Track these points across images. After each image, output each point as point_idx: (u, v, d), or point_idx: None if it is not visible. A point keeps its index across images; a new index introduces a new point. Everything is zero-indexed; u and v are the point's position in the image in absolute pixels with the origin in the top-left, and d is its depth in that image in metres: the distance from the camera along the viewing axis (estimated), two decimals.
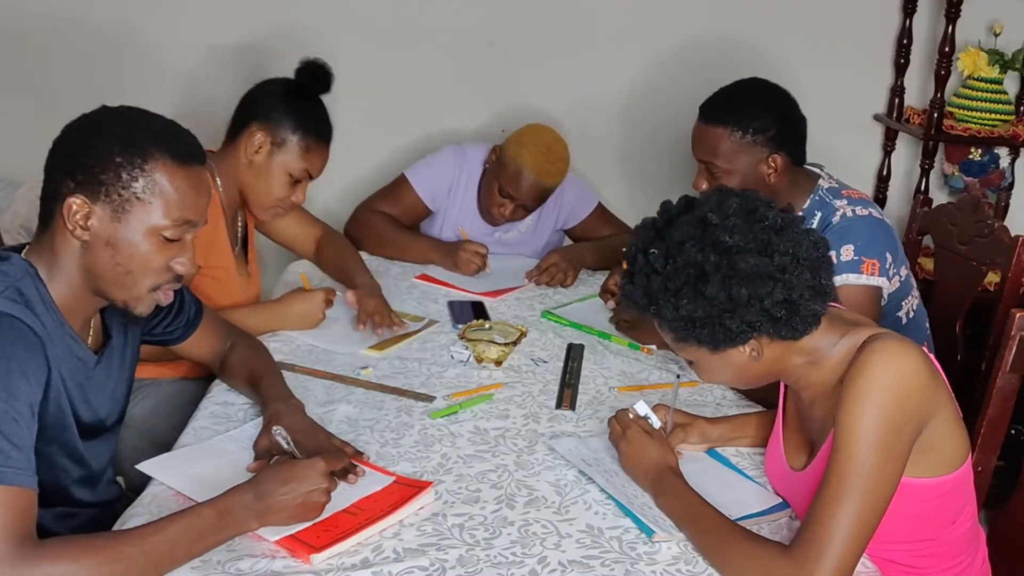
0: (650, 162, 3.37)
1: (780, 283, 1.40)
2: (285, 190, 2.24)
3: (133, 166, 1.41)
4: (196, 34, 3.17)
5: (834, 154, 3.25)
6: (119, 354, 1.62)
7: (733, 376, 1.55)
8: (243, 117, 2.25)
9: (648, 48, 3.28)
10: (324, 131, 2.27)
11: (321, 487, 1.43)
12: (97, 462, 1.60)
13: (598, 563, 1.43)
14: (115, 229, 1.42)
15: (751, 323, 1.42)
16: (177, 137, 1.47)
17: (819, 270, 1.44)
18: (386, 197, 2.76)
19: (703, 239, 1.41)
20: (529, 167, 2.59)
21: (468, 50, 3.25)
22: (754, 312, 1.41)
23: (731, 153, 2.11)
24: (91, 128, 1.44)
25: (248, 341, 1.95)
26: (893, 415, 1.36)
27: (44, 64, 3.17)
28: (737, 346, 1.46)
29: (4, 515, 1.25)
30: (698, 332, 1.44)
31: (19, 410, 1.31)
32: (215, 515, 1.38)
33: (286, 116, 2.21)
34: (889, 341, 1.41)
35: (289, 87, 2.27)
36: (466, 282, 2.57)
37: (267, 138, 2.20)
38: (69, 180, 1.41)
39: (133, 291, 1.47)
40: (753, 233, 1.41)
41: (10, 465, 1.27)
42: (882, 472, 1.35)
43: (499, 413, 1.88)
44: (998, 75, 3.14)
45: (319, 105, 2.29)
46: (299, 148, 2.22)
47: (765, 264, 1.40)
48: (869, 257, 2.02)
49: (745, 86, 2.21)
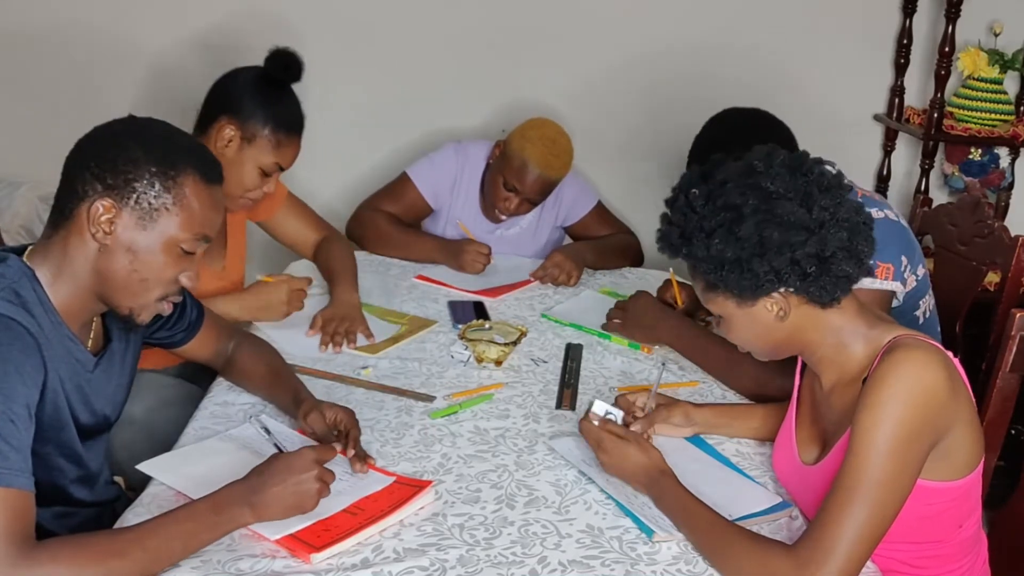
0: (650, 161, 3.36)
1: (815, 236, 1.41)
2: (255, 182, 2.20)
3: (167, 177, 1.45)
4: (196, 36, 3.17)
5: (834, 154, 3.23)
6: (119, 357, 1.62)
7: (757, 336, 1.53)
8: (212, 108, 2.20)
9: (648, 48, 3.28)
10: (295, 124, 2.22)
11: (311, 474, 1.43)
12: (95, 462, 1.61)
13: (598, 563, 1.43)
14: (138, 236, 1.44)
15: (779, 272, 1.42)
16: (206, 156, 1.54)
17: (857, 235, 1.44)
18: (388, 195, 2.75)
19: (745, 183, 1.43)
20: (534, 161, 2.59)
21: (469, 49, 3.25)
22: (784, 260, 1.41)
23: None
24: (125, 135, 1.47)
25: (254, 339, 1.96)
26: (911, 427, 1.36)
27: (43, 66, 3.17)
28: (764, 296, 1.45)
29: (2, 516, 1.25)
30: (726, 276, 1.44)
31: (16, 412, 1.31)
32: (209, 510, 1.39)
33: (256, 109, 2.16)
34: (915, 351, 1.40)
35: (259, 77, 2.20)
36: (465, 282, 2.57)
37: (237, 132, 2.15)
38: (97, 183, 1.43)
39: (141, 299, 1.49)
40: (796, 184, 1.43)
41: (7, 467, 1.28)
42: (894, 482, 1.35)
43: (499, 413, 1.88)
44: (998, 75, 3.14)
45: (290, 96, 2.23)
46: (270, 143, 2.17)
47: (802, 215, 1.41)
48: (884, 261, 2.01)
49: (723, 127, 2.15)
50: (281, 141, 2.18)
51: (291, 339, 2.13)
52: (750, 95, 2.89)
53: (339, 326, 2.17)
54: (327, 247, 2.48)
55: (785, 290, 1.45)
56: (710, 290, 1.51)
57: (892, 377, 1.37)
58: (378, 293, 2.44)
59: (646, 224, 2.97)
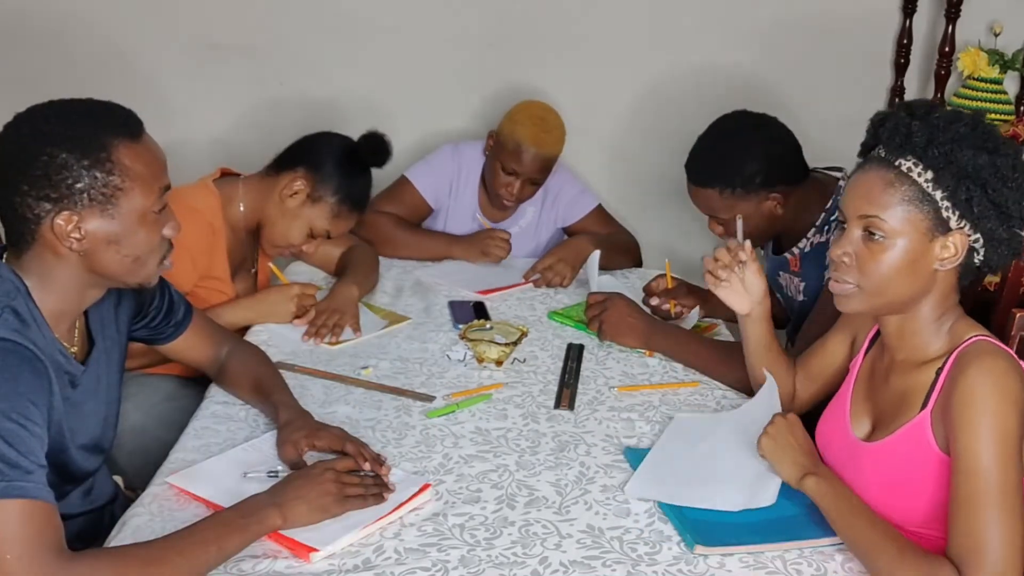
0: (650, 164, 3.36)
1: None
2: (301, 239, 2.30)
3: (101, 160, 1.38)
4: (193, 34, 3.17)
5: (834, 154, 3.24)
6: (105, 358, 1.60)
7: (899, 268, 1.47)
8: (294, 158, 2.30)
9: (648, 48, 3.27)
10: (359, 203, 2.34)
11: (328, 476, 1.48)
12: (91, 464, 1.60)
13: (599, 563, 1.43)
14: (110, 226, 1.41)
15: (1010, 216, 1.44)
16: (116, 115, 1.44)
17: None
18: (389, 198, 2.76)
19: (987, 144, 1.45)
20: (528, 140, 2.62)
21: (468, 52, 3.24)
22: (992, 210, 1.43)
23: (729, 206, 2.12)
24: (34, 142, 1.37)
25: (247, 347, 1.95)
26: (1013, 437, 1.37)
27: (42, 63, 3.17)
28: (960, 232, 1.45)
29: (36, 528, 1.25)
30: (958, 190, 1.43)
31: (36, 433, 1.31)
32: (237, 515, 1.40)
33: (333, 177, 2.27)
34: (995, 360, 1.41)
35: (348, 149, 2.32)
36: (462, 281, 2.57)
37: (306, 188, 2.26)
38: (43, 202, 1.37)
39: (143, 272, 1.48)
40: None
41: (32, 480, 1.27)
42: (1015, 485, 1.36)
43: (499, 413, 1.88)
44: (998, 75, 3.14)
45: (367, 177, 2.36)
46: (331, 211, 2.28)
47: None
48: None
49: (720, 136, 2.17)
50: (342, 213, 2.29)
51: (284, 335, 2.17)
52: (749, 95, 2.91)
53: (328, 318, 2.20)
54: (347, 252, 2.54)
55: (979, 239, 1.45)
56: (913, 203, 1.45)
57: (979, 395, 1.38)
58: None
59: (645, 226, 2.99)
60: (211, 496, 1.53)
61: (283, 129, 2.64)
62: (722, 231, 2.18)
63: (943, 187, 1.43)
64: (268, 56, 3.21)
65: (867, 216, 1.47)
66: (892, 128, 1.48)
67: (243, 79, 3.23)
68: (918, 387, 1.48)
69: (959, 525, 1.36)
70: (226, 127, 3.26)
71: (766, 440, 1.61)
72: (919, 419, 1.46)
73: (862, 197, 1.48)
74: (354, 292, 2.32)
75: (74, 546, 1.30)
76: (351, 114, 3.16)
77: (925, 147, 1.44)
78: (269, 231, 2.30)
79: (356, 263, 2.47)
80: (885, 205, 1.46)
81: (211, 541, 1.36)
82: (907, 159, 1.45)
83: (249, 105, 3.25)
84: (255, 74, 3.23)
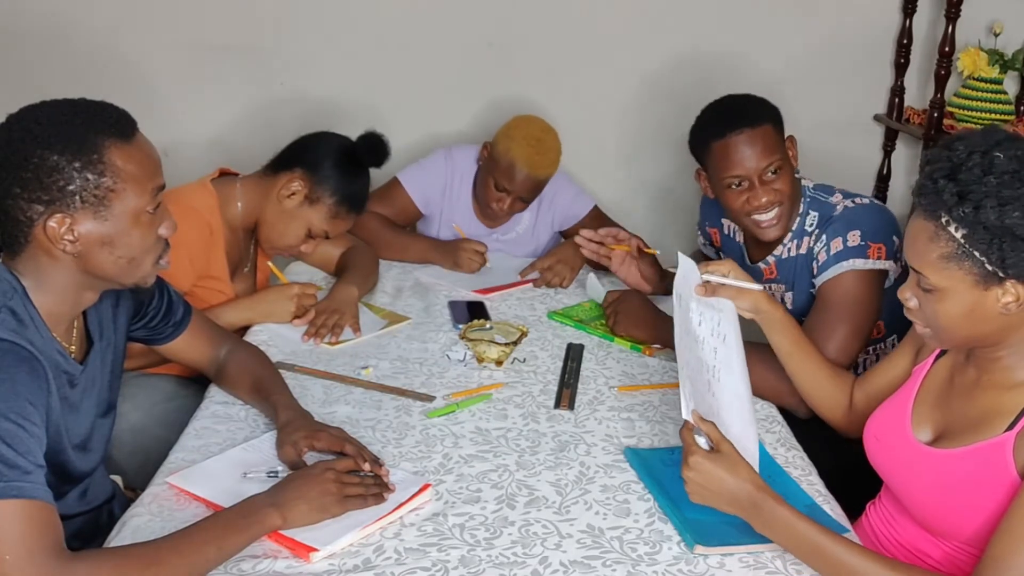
0: (649, 165, 3.36)
1: None
2: (298, 240, 2.30)
3: (92, 162, 1.38)
4: (192, 34, 3.17)
5: (834, 155, 3.26)
6: (101, 358, 1.60)
7: (964, 320, 1.43)
8: (291, 158, 2.29)
9: (647, 49, 3.27)
10: (357, 204, 2.33)
11: (328, 475, 1.48)
12: (87, 465, 1.60)
13: (599, 563, 1.43)
14: (104, 227, 1.41)
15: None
16: (107, 115, 1.43)
17: None
18: (379, 199, 2.76)
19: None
20: (521, 161, 2.61)
21: (467, 53, 3.24)
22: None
23: (779, 143, 2.09)
24: (24, 145, 1.37)
25: (246, 348, 1.94)
26: None
27: (41, 64, 3.16)
28: (1013, 280, 1.38)
29: (35, 528, 1.25)
30: (1001, 249, 1.36)
31: (35, 433, 1.31)
32: (237, 514, 1.40)
33: (331, 177, 2.27)
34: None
35: (345, 149, 2.31)
36: (460, 281, 2.57)
37: (304, 188, 2.25)
38: (35, 205, 1.37)
39: (139, 273, 1.48)
40: None
41: (30, 480, 1.27)
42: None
43: (499, 413, 1.88)
44: (998, 75, 3.13)
45: (364, 177, 2.35)
46: (329, 211, 2.28)
47: None
48: (876, 241, 2.02)
49: (739, 96, 2.17)
50: (340, 213, 2.29)
51: (284, 335, 2.17)
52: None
53: (328, 318, 2.19)
54: (346, 252, 2.54)
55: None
56: (953, 260, 1.40)
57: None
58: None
59: (643, 228, 2.98)
60: (211, 496, 1.52)
61: (282, 129, 2.64)
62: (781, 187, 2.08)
63: (978, 245, 1.38)
64: (268, 56, 3.20)
65: (915, 269, 1.46)
66: (921, 185, 1.43)
67: (242, 79, 3.22)
68: (1005, 408, 1.45)
69: (998, 549, 1.33)
70: (225, 127, 3.25)
71: (691, 488, 1.48)
72: (1001, 439, 1.42)
73: (911, 247, 1.46)
74: (354, 292, 2.32)
75: (72, 546, 1.30)
76: (350, 114, 3.16)
77: (955, 206, 1.39)
78: (267, 231, 2.30)
79: (356, 263, 2.47)
80: (928, 262, 1.42)
81: (211, 541, 1.36)
82: (943, 215, 1.40)
83: (248, 105, 3.25)
84: (254, 74, 3.23)
